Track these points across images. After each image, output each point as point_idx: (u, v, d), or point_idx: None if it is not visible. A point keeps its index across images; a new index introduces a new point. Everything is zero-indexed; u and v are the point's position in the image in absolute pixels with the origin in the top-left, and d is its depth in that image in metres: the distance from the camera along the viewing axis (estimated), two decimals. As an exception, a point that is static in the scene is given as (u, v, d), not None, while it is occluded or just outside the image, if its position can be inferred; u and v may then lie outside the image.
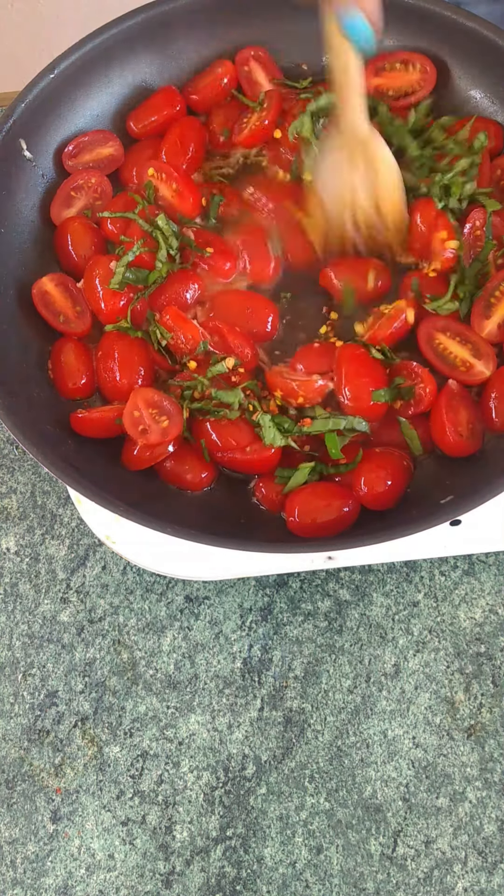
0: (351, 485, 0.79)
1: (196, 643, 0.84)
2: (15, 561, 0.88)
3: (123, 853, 0.78)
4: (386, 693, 0.81)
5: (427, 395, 0.81)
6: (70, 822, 0.79)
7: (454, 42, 0.93)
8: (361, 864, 0.76)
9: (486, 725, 0.80)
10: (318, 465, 0.80)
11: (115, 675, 0.83)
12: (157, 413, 0.79)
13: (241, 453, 0.81)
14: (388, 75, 0.95)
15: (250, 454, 0.80)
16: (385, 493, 0.79)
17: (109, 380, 0.84)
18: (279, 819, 0.78)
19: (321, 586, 0.85)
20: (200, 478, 0.82)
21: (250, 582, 0.85)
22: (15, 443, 0.93)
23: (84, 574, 0.87)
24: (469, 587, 0.85)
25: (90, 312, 0.87)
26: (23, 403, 0.81)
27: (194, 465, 0.82)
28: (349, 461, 0.80)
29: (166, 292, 0.87)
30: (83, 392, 0.86)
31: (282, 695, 0.81)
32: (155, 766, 0.80)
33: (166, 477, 0.82)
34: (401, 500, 0.80)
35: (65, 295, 0.87)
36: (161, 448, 0.80)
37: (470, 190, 0.87)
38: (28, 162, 0.91)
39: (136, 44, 0.95)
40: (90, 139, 0.94)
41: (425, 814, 0.77)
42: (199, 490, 0.82)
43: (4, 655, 0.84)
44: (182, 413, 0.80)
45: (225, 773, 0.79)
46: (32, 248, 0.91)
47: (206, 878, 0.76)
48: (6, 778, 0.80)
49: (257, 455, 0.80)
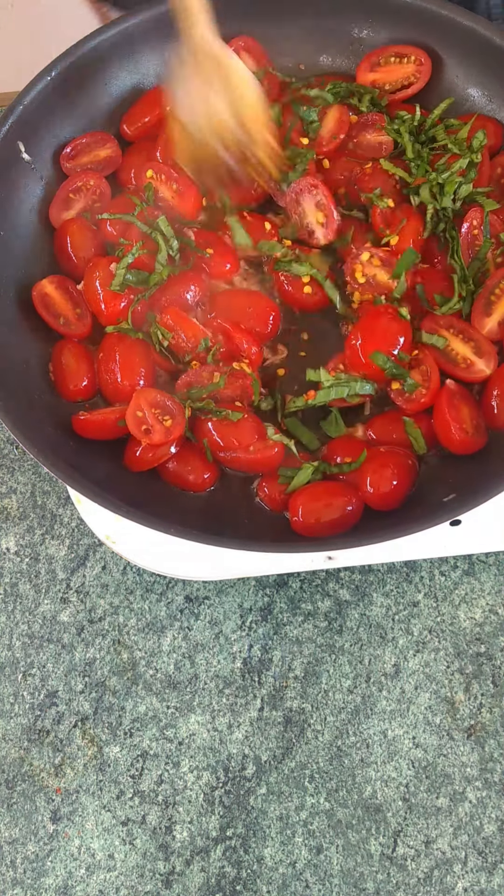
0: (356, 485, 0.79)
1: (196, 643, 0.84)
2: (15, 561, 0.88)
3: (123, 853, 0.78)
4: (386, 693, 0.81)
5: (429, 390, 0.81)
6: (70, 822, 0.79)
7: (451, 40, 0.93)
8: (361, 864, 0.76)
9: (486, 725, 0.79)
10: (322, 465, 0.80)
11: (115, 675, 0.83)
12: (161, 413, 0.79)
13: (244, 452, 0.81)
14: (383, 70, 0.95)
15: (253, 453, 0.80)
16: (391, 492, 0.79)
17: (111, 381, 0.84)
18: (279, 819, 0.78)
19: (321, 586, 0.85)
20: (203, 479, 0.82)
21: (250, 582, 0.85)
22: (15, 443, 0.93)
23: (84, 574, 0.87)
24: (469, 587, 0.84)
25: (90, 314, 0.88)
26: (24, 405, 0.81)
27: (196, 466, 0.82)
28: (353, 460, 0.80)
29: (167, 294, 0.87)
30: (84, 394, 0.86)
31: (282, 695, 0.81)
32: (155, 766, 0.80)
33: (169, 478, 0.82)
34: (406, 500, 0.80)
35: (65, 297, 0.88)
36: (164, 449, 0.80)
37: (466, 191, 0.87)
38: (27, 164, 0.91)
39: (134, 45, 0.95)
40: (88, 141, 0.94)
41: (425, 814, 0.77)
42: (202, 491, 0.82)
43: (4, 655, 0.85)
44: (184, 412, 0.80)
45: (225, 773, 0.79)
46: (32, 251, 0.91)
47: (206, 878, 0.76)
48: (6, 778, 0.81)
49: (260, 454, 0.80)
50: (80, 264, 0.89)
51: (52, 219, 0.92)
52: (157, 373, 0.86)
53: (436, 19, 0.92)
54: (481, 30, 0.90)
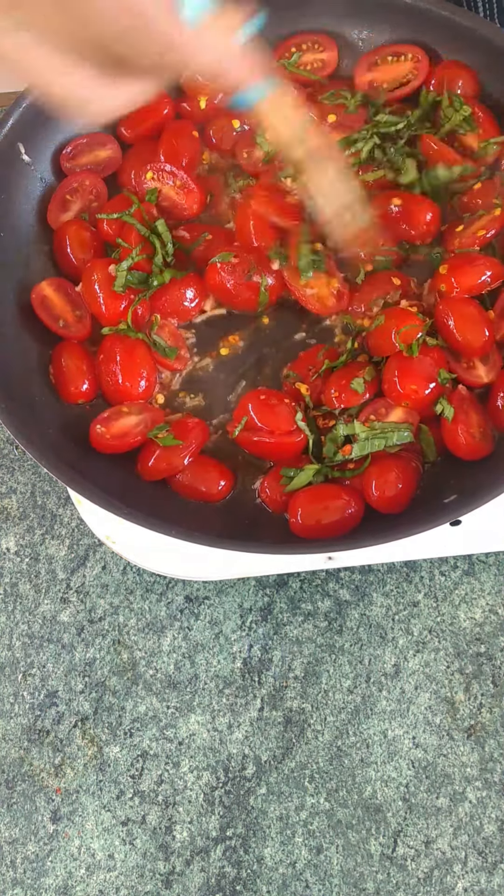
0: (361, 489, 0.79)
1: (196, 643, 0.84)
2: (15, 561, 0.88)
3: (123, 853, 0.78)
4: (386, 693, 0.81)
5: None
6: (70, 822, 0.79)
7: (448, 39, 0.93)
8: (361, 864, 0.76)
9: (486, 725, 0.79)
10: (324, 469, 0.80)
11: (115, 675, 0.83)
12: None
13: (271, 436, 0.80)
14: (380, 69, 0.95)
15: (280, 437, 0.80)
16: (396, 496, 0.78)
17: (112, 383, 0.84)
18: (279, 819, 0.78)
19: (321, 586, 0.85)
20: (217, 488, 0.82)
21: (250, 582, 0.85)
22: (15, 443, 0.93)
23: (84, 574, 0.87)
24: (469, 587, 0.84)
25: (90, 316, 0.88)
26: (25, 407, 0.81)
27: (211, 476, 0.82)
28: (357, 467, 0.80)
29: (167, 294, 0.87)
30: (85, 396, 0.86)
31: (282, 695, 0.81)
32: (155, 766, 0.80)
33: (181, 490, 0.82)
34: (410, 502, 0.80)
35: (64, 299, 0.88)
36: (178, 460, 0.80)
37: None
38: (27, 166, 0.91)
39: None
40: (88, 141, 0.94)
41: (425, 814, 0.77)
42: (217, 501, 0.82)
43: (4, 655, 0.85)
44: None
45: (225, 773, 0.79)
46: (32, 252, 0.91)
47: (206, 878, 0.76)
48: (6, 778, 0.81)
49: (287, 439, 0.80)
50: (79, 266, 0.89)
51: (51, 220, 0.92)
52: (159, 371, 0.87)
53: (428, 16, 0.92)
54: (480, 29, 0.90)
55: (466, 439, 0.79)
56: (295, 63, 0.96)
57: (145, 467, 0.81)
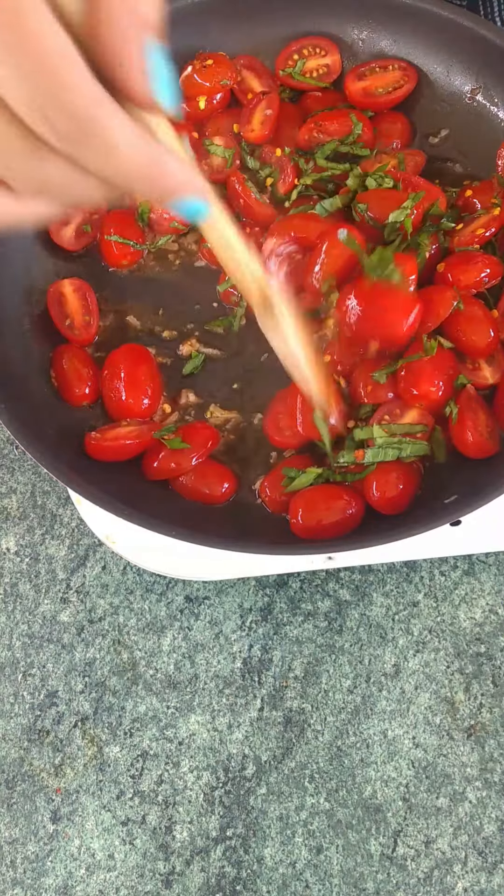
0: (362, 489, 0.79)
1: (196, 643, 0.84)
2: (15, 561, 0.88)
3: (123, 853, 0.78)
4: (386, 693, 0.81)
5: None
6: (70, 822, 0.79)
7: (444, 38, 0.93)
8: (361, 864, 0.76)
9: (486, 725, 0.79)
10: (326, 472, 0.80)
11: (115, 675, 0.83)
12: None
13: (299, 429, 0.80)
14: (371, 78, 0.94)
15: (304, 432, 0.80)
16: (397, 496, 0.78)
17: (115, 399, 0.83)
18: (279, 819, 0.78)
19: (321, 586, 0.85)
20: (221, 491, 0.81)
21: (250, 582, 0.85)
22: (15, 443, 0.93)
23: (84, 574, 0.87)
24: (469, 587, 0.84)
25: (97, 325, 0.88)
26: (25, 408, 0.81)
27: (214, 479, 0.81)
28: (360, 470, 0.79)
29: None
30: (88, 399, 0.86)
31: (282, 695, 0.81)
32: (155, 766, 0.80)
33: (185, 492, 0.82)
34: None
35: (79, 302, 0.88)
36: (185, 461, 0.80)
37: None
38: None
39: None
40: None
41: (425, 814, 0.77)
42: (221, 503, 0.82)
43: (4, 655, 0.85)
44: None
45: (225, 773, 0.79)
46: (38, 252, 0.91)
47: (206, 878, 0.76)
48: (6, 778, 0.81)
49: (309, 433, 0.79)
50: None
51: (53, 235, 0.91)
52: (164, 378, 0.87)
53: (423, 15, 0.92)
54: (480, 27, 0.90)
55: (475, 438, 0.79)
56: (300, 71, 0.95)
57: (150, 467, 0.81)
